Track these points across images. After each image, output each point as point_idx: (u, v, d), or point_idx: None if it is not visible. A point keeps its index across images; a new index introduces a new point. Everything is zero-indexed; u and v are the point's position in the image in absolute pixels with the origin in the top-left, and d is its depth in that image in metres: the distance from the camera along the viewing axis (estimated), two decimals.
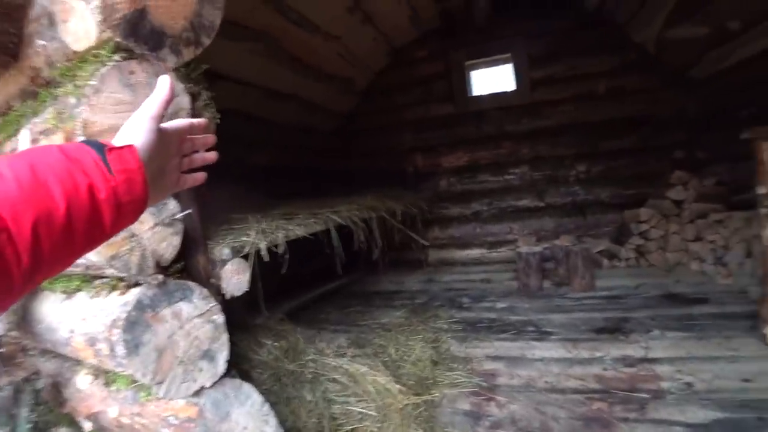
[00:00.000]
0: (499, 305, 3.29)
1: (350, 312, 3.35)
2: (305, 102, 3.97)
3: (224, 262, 1.69)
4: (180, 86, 1.40)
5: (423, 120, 4.70)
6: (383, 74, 4.79)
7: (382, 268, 4.18)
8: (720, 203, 3.59)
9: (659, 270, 3.71)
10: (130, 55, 1.28)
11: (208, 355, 1.50)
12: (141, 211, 0.55)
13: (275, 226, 2.10)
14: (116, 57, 1.25)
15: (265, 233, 1.95)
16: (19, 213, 0.42)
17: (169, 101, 0.61)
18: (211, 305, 1.51)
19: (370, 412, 1.88)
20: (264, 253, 1.87)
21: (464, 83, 4.60)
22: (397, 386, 2.01)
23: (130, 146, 0.54)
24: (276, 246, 2.00)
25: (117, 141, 0.55)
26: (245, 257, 1.77)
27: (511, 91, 4.49)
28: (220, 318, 1.51)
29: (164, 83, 0.62)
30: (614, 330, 2.64)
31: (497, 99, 4.53)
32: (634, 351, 2.37)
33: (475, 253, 4.59)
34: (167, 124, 0.63)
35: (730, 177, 3.79)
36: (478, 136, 4.56)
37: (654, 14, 3.55)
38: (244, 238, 1.83)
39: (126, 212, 0.52)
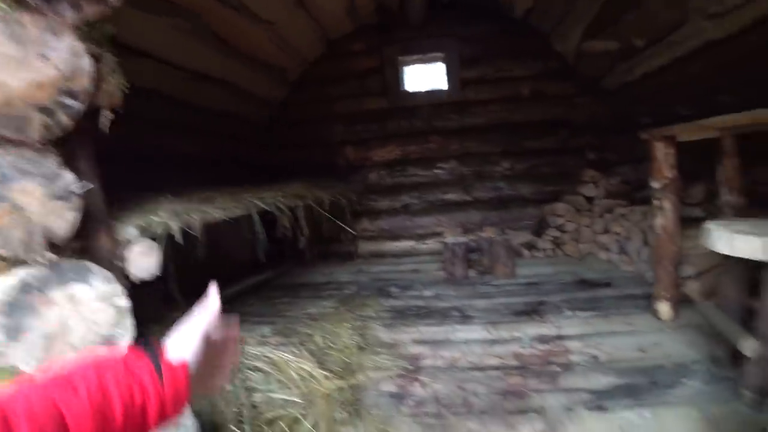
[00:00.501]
0: (426, 293, 3.36)
1: (276, 303, 3.25)
2: (234, 88, 3.78)
3: (130, 243, 1.56)
4: (80, 46, 1.27)
5: (355, 113, 4.70)
6: (317, 65, 4.72)
7: (311, 260, 4.11)
8: (624, 199, 3.96)
9: (573, 259, 4.01)
10: (21, 5, 1.13)
11: (110, 341, 1.38)
12: (171, 421, 0.57)
13: (191, 209, 1.97)
14: (3, 5, 1.10)
15: (178, 215, 1.82)
16: (83, 428, 0.45)
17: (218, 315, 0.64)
18: (113, 288, 1.38)
19: (293, 399, 1.83)
20: (177, 236, 1.76)
21: (397, 78, 4.66)
22: (323, 372, 1.97)
23: (184, 365, 0.57)
24: (192, 229, 1.88)
25: (171, 349, 0.58)
26: (155, 239, 1.65)
27: (443, 89, 4.63)
28: (124, 302, 1.39)
29: (214, 297, 0.64)
30: (532, 312, 2.80)
31: (429, 96, 4.65)
32: (548, 330, 2.53)
33: (404, 245, 4.67)
34: (210, 330, 0.64)
35: (634, 176, 4.20)
36: (409, 131, 4.65)
37: (573, 27, 3.83)
38: (154, 218, 1.70)
39: (165, 421, 0.55)
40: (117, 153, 2.71)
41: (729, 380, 1.87)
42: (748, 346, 1.64)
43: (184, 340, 0.61)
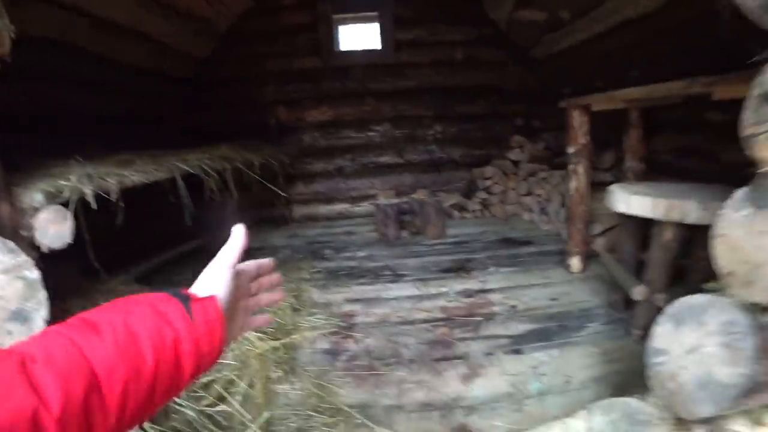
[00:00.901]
0: (360, 254, 3.42)
1: None
2: (153, 41, 3.40)
3: (36, 210, 1.41)
4: None
5: (287, 72, 4.48)
6: (245, 19, 4.39)
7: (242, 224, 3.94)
8: (546, 164, 4.22)
9: (499, 220, 4.26)
10: None
11: (21, 316, 1.27)
12: (215, 362, 0.54)
13: (107, 172, 1.81)
14: None
15: (92, 178, 1.67)
16: (113, 373, 0.41)
17: (244, 249, 0.62)
18: (20, 259, 1.26)
19: (227, 361, 1.82)
20: (92, 201, 1.61)
21: (331, 37, 4.49)
22: (256, 335, 1.96)
23: (212, 297, 0.54)
24: (108, 194, 1.73)
25: (198, 289, 0.56)
26: (66, 205, 1.51)
27: (377, 50, 4.54)
28: (33, 273, 1.28)
29: (239, 232, 0.62)
30: (459, 269, 2.97)
31: (363, 56, 4.54)
32: (473, 285, 2.70)
33: (339, 207, 4.66)
34: (240, 267, 0.63)
35: (555, 143, 4.48)
36: (343, 92, 4.54)
37: None
38: (63, 183, 1.55)
39: (203, 363, 0.51)
40: (20, 115, 2.40)
41: (623, 321, 2.14)
42: (637, 292, 1.88)
43: (211, 278, 0.57)
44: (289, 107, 4.53)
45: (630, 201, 1.82)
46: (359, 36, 4.75)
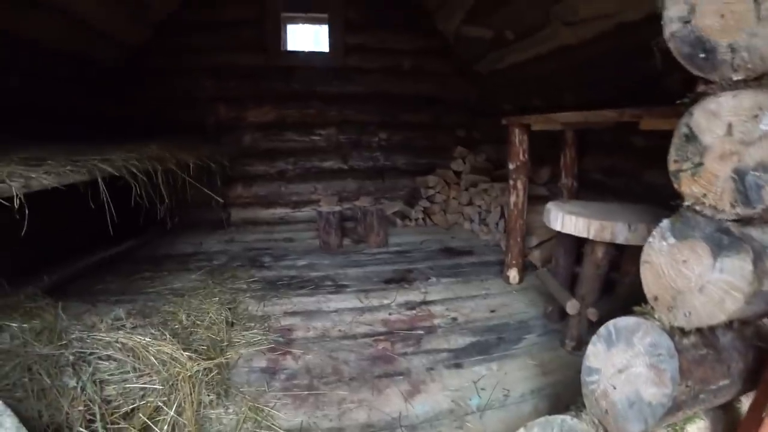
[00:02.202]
0: (300, 263, 3.32)
1: (136, 279, 2.87)
2: (78, 21, 3.06)
3: None
4: None
5: (228, 67, 4.26)
6: (186, 7, 4.11)
7: (173, 229, 3.67)
8: (486, 175, 4.36)
9: (441, 229, 4.33)
10: None
11: None
12: None
13: (9, 172, 1.58)
14: None
15: None
16: None
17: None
18: None
19: (153, 386, 1.65)
20: None
21: (278, 35, 4.34)
22: (186, 354, 1.81)
23: None
24: (8, 200, 1.51)
25: None
26: None
27: (325, 53, 4.46)
28: None
29: None
30: (401, 280, 2.96)
31: (311, 58, 4.43)
32: (415, 296, 2.71)
33: (279, 212, 4.51)
34: None
35: (495, 156, 4.65)
36: (288, 93, 4.40)
37: (456, 10, 3.97)
38: None
39: None
40: None
41: (557, 332, 2.23)
42: (571, 306, 1.97)
43: None
44: (228, 105, 4.30)
45: (564, 220, 1.90)
46: (306, 37, 4.64)
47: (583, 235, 1.83)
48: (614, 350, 1.20)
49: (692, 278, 1.05)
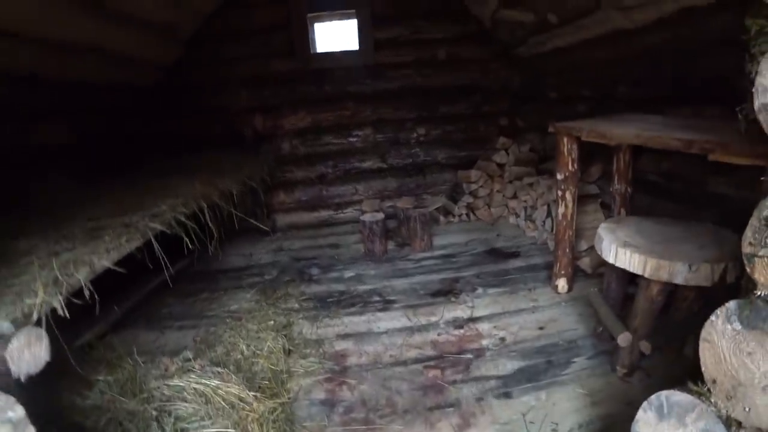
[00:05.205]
0: (347, 274, 3.39)
1: (195, 301, 3.06)
2: (113, 54, 3.15)
3: (6, 339, 1.21)
4: None
5: (261, 76, 4.28)
6: (217, 17, 4.13)
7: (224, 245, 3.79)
8: (532, 167, 4.21)
9: (485, 224, 4.26)
10: None
11: None
12: None
13: (73, 260, 1.58)
14: None
15: (57, 283, 1.43)
16: None
17: None
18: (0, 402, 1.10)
19: (227, 430, 1.80)
20: (61, 310, 1.38)
21: (306, 37, 4.28)
22: (251, 393, 1.94)
23: None
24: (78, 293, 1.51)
25: None
26: (38, 322, 1.30)
27: (355, 51, 4.36)
28: (18, 412, 1.12)
29: None
30: (447, 292, 2.97)
31: (341, 58, 4.36)
32: (462, 311, 2.72)
33: (323, 214, 4.59)
34: None
35: (540, 145, 4.46)
36: (321, 96, 4.38)
37: None
38: (28, 301, 1.32)
39: None
40: None
41: (607, 354, 2.20)
42: (623, 339, 1.92)
43: None
44: (265, 114, 4.36)
45: (618, 254, 1.83)
46: (335, 35, 4.55)
47: (639, 272, 1.76)
48: (665, 424, 1.18)
49: (756, 374, 1.00)
